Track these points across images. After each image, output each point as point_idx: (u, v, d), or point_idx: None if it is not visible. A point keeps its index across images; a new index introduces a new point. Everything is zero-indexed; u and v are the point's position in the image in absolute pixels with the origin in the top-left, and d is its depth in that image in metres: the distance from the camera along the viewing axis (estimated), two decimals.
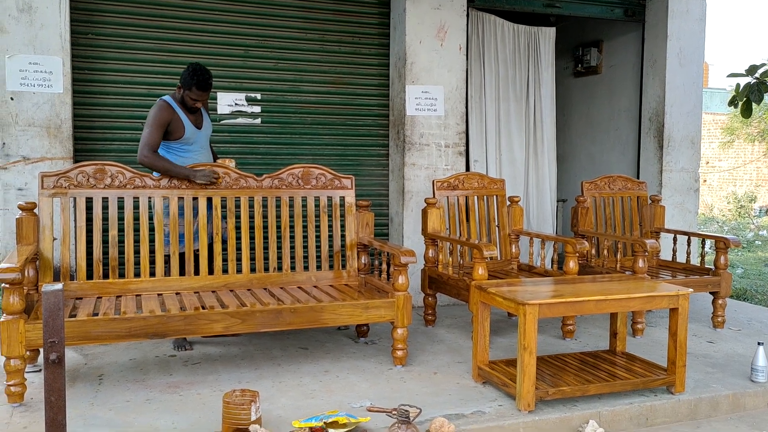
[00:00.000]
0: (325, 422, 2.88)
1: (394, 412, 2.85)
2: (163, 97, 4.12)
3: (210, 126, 4.35)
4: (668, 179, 6.19)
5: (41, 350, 3.71)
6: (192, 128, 4.15)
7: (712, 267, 4.83)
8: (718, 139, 18.24)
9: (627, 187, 5.38)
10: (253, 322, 3.52)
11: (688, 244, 5.12)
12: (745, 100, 4.72)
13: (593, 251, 5.05)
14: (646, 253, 4.41)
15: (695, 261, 5.52)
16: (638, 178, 6.44)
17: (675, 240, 5.25)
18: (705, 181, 18.33)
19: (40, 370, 3.69)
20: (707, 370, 3.90)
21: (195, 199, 4.05)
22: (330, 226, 4.37)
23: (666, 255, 5.63)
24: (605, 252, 4.92)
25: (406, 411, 2.80)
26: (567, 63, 7.53)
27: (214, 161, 4.36)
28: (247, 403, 2.85)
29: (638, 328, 4.57)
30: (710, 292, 4.80)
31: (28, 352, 3.69)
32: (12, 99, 4.29)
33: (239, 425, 2.83)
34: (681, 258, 5.47)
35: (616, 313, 3.83)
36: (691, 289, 3.45)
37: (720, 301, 4.80)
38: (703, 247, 5.05)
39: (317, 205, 4.38)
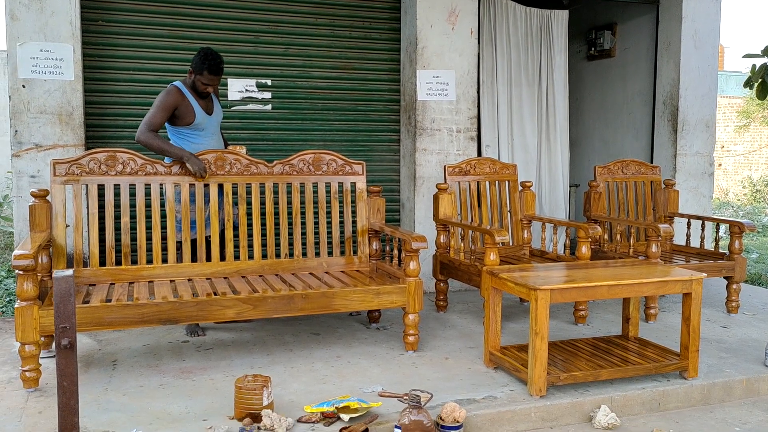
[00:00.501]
0: (336, 407, 2.89)
1: (405, 397, 2.86)
2: (174, 83, 4.12)
3: (221, 112, 4.35)
4: (682, 163, 6.13)
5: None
6: (202, 114, 4.14)
7: (727, 252, 4.78)
8: (734, 123, 18.01)
9: (640, 172, 5.33)
10: (264, 307, 3.53)
11: (702, 229, 5.07)
12: (761, 81, 4.65)
13: (606, 236, 5.02)
14: (660, 238, 4.37)
15: (709, 246, 5.46)
16: (652, 162, 6.38)
17: (689, 224, 5.20)
18: (720, 165, 18.13)
19: (55, 356, 3.73)
20: (721, 355, 3.88)
21: (206, 186, 4.06)
22: (341, 212, 4.36)
23: (680, 240, 5.59)
24: (618, 237, 4.89)
25: (417, 396, 2.80)
26: (580, 46, 7.44)
27: (225, 148, 4.36)
28: (259, 388, 2.86)
29: (651, 313, 4.54)
30: (724, 277, 4.76)
31: (42, 338, 3.75)
32: (24, 86, 4.31)
33: (251, 410, 2.85)
34: (695, 243, 5.42)
35: (629, 298, 3.81)
36: (704, 274, 3.42)
37: (734, 286, 4.76)
38: (717, 232, 5.01)
39: (328, 191, 4.37)
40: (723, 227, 8.29)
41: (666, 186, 5.37)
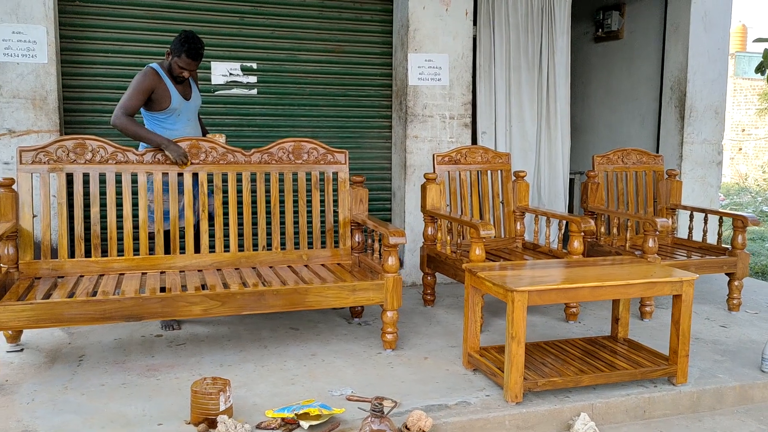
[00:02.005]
0: (296, 413, 2.75)
1: (381, 403, 2.70)
2: (151, 65, 3.96)
3: (199, 98, 4.18)
4: (689, 151, 5.88)
5: (23, 330, 3.65)
6: (179, 98, 3.98)
7: (729, 246, 4.56)
8: (756, 106, 17.51)
9: (642, 161, 5.10)
10: (233, 304, 3.38)
11: (705, 222, 4.85)
12: None
13: (602, 229, 4.81)
14: (657, 233, 4.16)
15: (713, 239, 5.23)
16: (658, 150, 6.14)
17: (691, 217, 4.98)
18: (741, 149, 17.68)
19: (22, 350, 3.63)
20: (715, 358, 3.68)
21: (180, 175, 3.91)
22: (322, 203, 4.19)
23: (683, 233, 5.36)
24: (615, 230, 4.68)
25: (380, 404, 2.65)
26: (587, 27, 7.17)
27: (204, 135, 4.20)
28: (216, 393, 2.72)
29: (646, 311, 4.35)
30: (726, 273, 4.54)
31: (10, 332, 3.65)
32: None
33: (208, 415, 2.72)
34: (699, 236, 5.20)
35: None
36: (696, 276, 3.21)
37: (736, 283, 4.54)
38: (720, 225, 4.77)
39: (309, 181, 4.20)
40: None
41: (669, 176, 5.13)
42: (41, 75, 4.25)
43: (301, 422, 2.72)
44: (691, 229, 4.98)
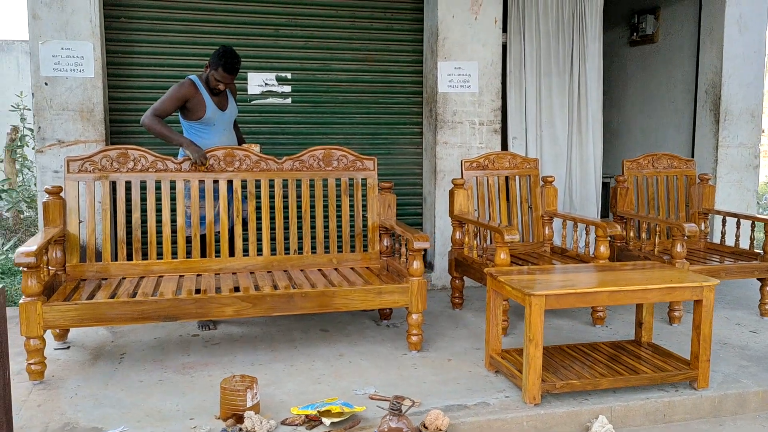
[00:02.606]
0: (319, 410, 2.88)
1: (399, 402, 2.81)
2: (190, 76, 4.18)
3: (235, 109, 4.37)
4: (725, 155, 5.82)
5: (70, 329, 3.88)
6: (214, 109, 4.18)
7: (761, 251, 4.53)
8: None
9: (673, 166, 5.09)
10: (263, 306, 3.54)
11: (738, 227, 4.81)
12: None
13: (632, 234, 4.82)
14: (686, 237, 4.17)
15: (746, 244, 5.17)
16: (693, 154, 6.09)
17: (724, 222, 4.94)
18: None
19: (69, 347, 3.86)
20: (741, 363, 3.68)
21: (216, 182, 4.10)
22: (352, 207, 4.33)
23: (717, 238, 5.33)
24: (644, 235, 4.69)
25: (399, 403, 2.76)
26: (622, 31, 7.15)
27: (240, 145, 4.38)
28: (243, 390, 2.87)
29: (675, 315, 4.35)
30: (758, 279, 4.51)
31: (57, 330, 3.89)
32: (46, 84, 4.43)
33: (235, 410, 2.87)
34: (732, 241, 5.15)
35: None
36: (716, 281, 3.23)
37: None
38: (752, 230, 4.73)
39: (339, 186, 4.34)
40: None
41: (701, 180, 5.11)
42: (88, 88, 4.50)
43: (323, 419, 2.85)
44: (723, 233, 4.95)
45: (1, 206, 9.27)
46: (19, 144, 8.92)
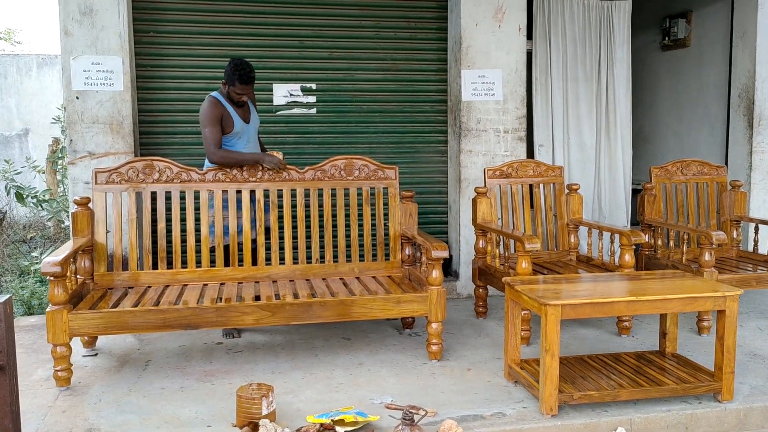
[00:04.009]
0: (332, 419, 2.90)
1: (411, 412, 2.82)
2: (212, 93, 4.25)
3: (257, 119, 4.44)
4: (759, 161, 5.68)
5: (98, 336, 3.98)
6: (240, 122, 4.25)
7: None
8: None
9: (702, 172, 4.99)
10: (283, 314, 3.58)
11: None
12: None
13: (659, 242, 4.74)
14: (713, 246, 4.08)
15: None
16: (727, 159, 5.96)
17: (756, 230, 4.82)
18: None
19: (96, 354, 3.96)
20: None
21: (239, 192, 4.16)
22: (373, 217, 4.35)
23: (750, 246, 5.19)
24: (672, 243, 4.60)
25: (411, 413, 2.76)
26: (654, 36, 7.04)
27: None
28: (259, 398, 2.91)
29: (704, 326, 4.25)
30: None
31: (86, 338, 3.99)
32: (77, 98, 4.57)
33: (251, 418, 2.91)
34: (765, 249, 5.02)
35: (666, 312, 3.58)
36: (740, 291, 3.15)
37: None
38: None
39: (360, 196, 4.37)
40: None
41: (733, 187, 4.99)
42: (118, 102, 4.62)
43: (337, 428, 2.86)
44: (756, 241, 4.83)
45: (42, 216, 9.57)
46: (60, 155, 9.20)
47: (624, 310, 3.10)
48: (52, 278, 3.30)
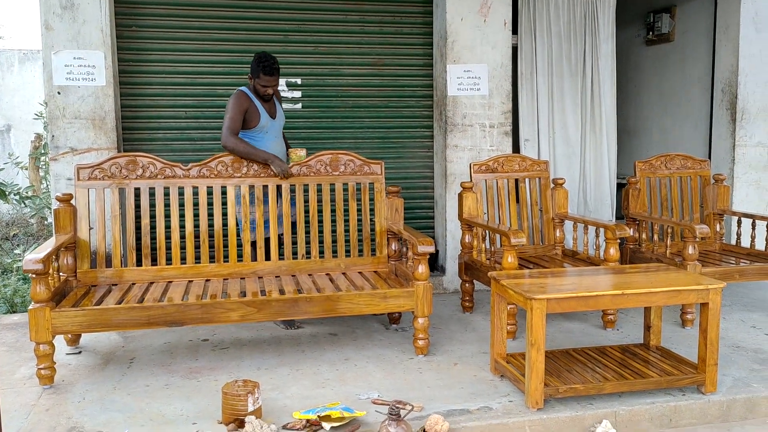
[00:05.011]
0: (319, 415, 2.89)
1: (398, 407, 2.82)
2: (240, 88, 4.27)
3: (283, 116, 4.46)
4: (742, 155, 5.73)
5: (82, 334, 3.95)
6: (266, 117, 4.25)
7: None
8: None
9: (686, 166, 5.02)
10: (269, 311, 3.57)
11: (753, 228, 4.73)
12: None
13: (644, 236, 4.77)
14: (696, 239, 4.11)
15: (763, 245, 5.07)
16: (710, 153, 6.00)
17: (739, 223, 4.86)
18: None
19: (80, 352, 3.92)
20: (753, 366, 3.61)
21: (224, 188, 4.14)
22: (359, 212, 4.34)
23: (733, 239, 5.23)
24: (656, 237, 4.63)
25: (398, 408, 2.76)
26: (638, 30, 7.07)
27: (287, 150, 4.43)
28: (245, 395, 2.90)
29: (687, 318, 4.29)
30: None
31: (69, 335, 3.95)
32: (59, 93, 4.52)
33: (237, 415, 2.90)
34: (748, 242, 5.06)
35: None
36: (723, 284, 3.18)
37: None
38: None
39: (346, 191, 4.35)
40: None
41: (716, 181, 5.03)
42: (100, 97, 4.57)
43: (324, 424, 2.86)
44: (739, 235, 4.87)
45: (25, 212, 9.47)
46: (42, 151, 9.10)
47: (609, 303, 3.11)
48: (34, 276, 3.26)
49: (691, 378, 3.21)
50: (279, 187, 4.23)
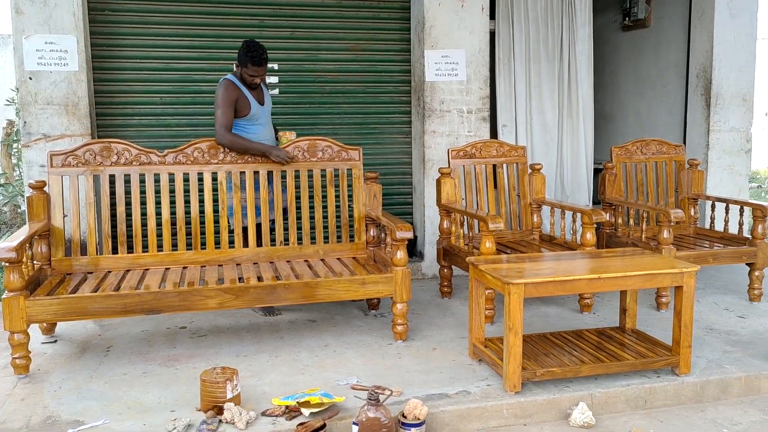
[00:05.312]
0: (298, 402, 2.89)
1: (377, 392, 2.82)
2: (227, 77, 4.20)
3: (270, 101, 4.42)
4: (716, 140, 5.80)
5: (57, 323, 3.91)
6: (256, 105, 4.21)
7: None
8: None
9: (662, 151, 5.07)
10: (247, 298, 3.55)
11: (726, 212, 4.80)
12: None
13: (620, 221, 4.81)
14: (671, 224, 4.16)
15: (735, 230, 5.15)
16: (685, 139, 6.07)
17: (713, 207, 4.93)
18: None
19: (56, 341, 3.88)
20: (726, 348, 3.67)
21: (200, 174, 4.10)
22: (338, 198, 4.33)
23: (707, 223, 5.31)
24: (632, 222, 4.68)
25: (376, 393, 2.77)
26: (615, 16, 7.10)
27: (275, 135, 4.39)
28: (223, 382, 2.89)
29: (662, 302, 4.35)
30: (747, 264, 4.50)
31: (45, 324, 3.91)
32: (30, 78, 4.43)
33: (216, 402, 2.89)
34: (721, 226, 5.14)
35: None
36: (697, 267, 3.22)
37: (757, 273, 4.49)
38: (741, 215, 4.71)
39: (324, 177, 4.34)
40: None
41: (691, 166, 5.08)
42: (73, 82, 4.49)
43: (303, 410, 2.86)
44: (713, 219, 4.94)
45: None
46: (15, 138, 8.94)
47: (585, 287, 3.15)
48: (7, 264, 3.22)
49: (666, 360, 3.26)
50: (270, 174, 4.20)
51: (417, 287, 4.95)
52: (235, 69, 4.21)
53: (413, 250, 5.49)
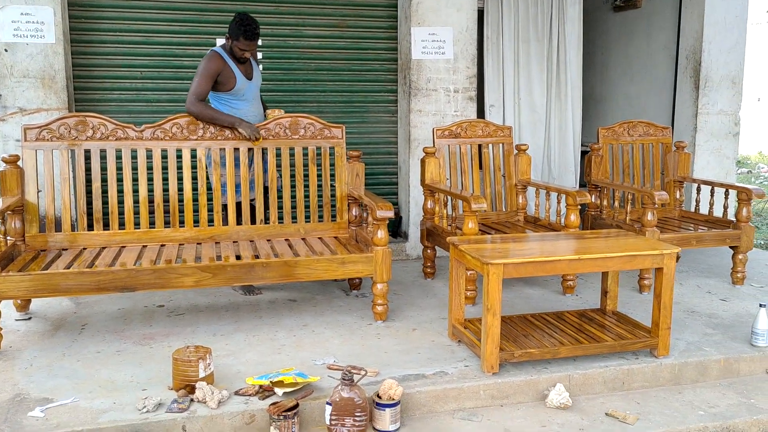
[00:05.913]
0: (271, 381, 2.85)
1: (351, 372, 2.79)
2: (215, 48, 4.12)
3: (260, 77, 4.32)
4: (704, 123, 5.75)
5: (32, 300, 3.85)
6: (243, 79, 4.11)
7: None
8: None
9: (649, 133, 5.02)
10: (224, 276, 3.50)
11: (711, 195, 4.76)
12: None
13: (605, 202, 4.78)
14: (656, 206, 4.12)
15: (720, 212, 5.13)
16: (673, 121, 6.02)
17: (698, 190, 4.90)
18: None
19: (30, 318, 3.82)
20: (706, 331, 3.66)
21: (179, 150, 4.02)
22: (320, 177, 4.27)
23: (692, 206, 5.28)
24: (617, 204, 4.64)
25: (351, 372, 2.73)
26: None
27: (264, 112, 4.30)
28: (196, 361, 2.84)
29: (645, 284, 4.33)
30: (730, 247, 4.48)
31: (19, 301, 3.85)
32: (6, 51, 4.33)
33: (188, 381, 2.84)
34: (706, 209, 5.11)
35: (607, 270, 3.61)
36: (678, 248, 3.19)
37: (740, 257, 4.47)
38: (726, 198, 4.68)
39: (306, 155, 4.27)
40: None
41: (677, 148, 5.04)
42: (50, 55, 4.39)
43: (276, 389, 2.82)
44: (698, 201, 4.91)
45: None
46: None
47: (566, 268, 3.11)
48: None
49: (645, 342, 3.24)
50: (251, 151, 4.13)
51: (400, 268, 4.91)
52: (225, 41, 4.10)
53: (398, 230, 5.45)
